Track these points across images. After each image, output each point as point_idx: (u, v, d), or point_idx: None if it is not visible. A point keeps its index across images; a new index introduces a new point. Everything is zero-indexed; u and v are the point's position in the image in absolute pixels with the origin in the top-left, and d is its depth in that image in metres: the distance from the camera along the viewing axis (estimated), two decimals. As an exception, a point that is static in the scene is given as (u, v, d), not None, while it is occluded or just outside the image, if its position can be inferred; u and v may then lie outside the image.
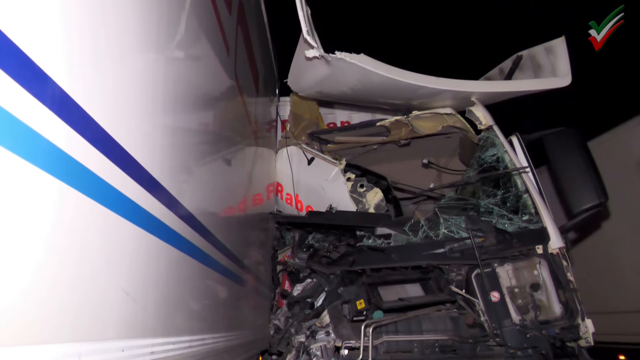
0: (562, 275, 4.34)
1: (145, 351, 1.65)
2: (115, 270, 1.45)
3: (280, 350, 4.81)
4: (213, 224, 2.73)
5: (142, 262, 1.68)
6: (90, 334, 1.27)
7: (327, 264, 4.90)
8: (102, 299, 1.35)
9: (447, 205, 4.95)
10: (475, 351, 4.20)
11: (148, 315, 1.72)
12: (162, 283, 1.87)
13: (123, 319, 1.50)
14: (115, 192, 1.43)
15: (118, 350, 1.43)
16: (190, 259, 2.28)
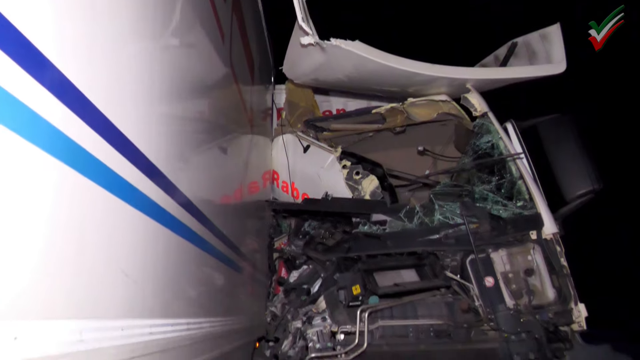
0: (556, 261, 4.38)
1: (144, 331, 1.67)
2: (115, 252, 1.48)
3: (277, 336, 4.86)
4: (210, 210, 2.76)
5: (141, 245, 1.71)
6: (91, 312, 1.29)
7: (323, 250, 4.94)
8: (102, 279, 1.38)
9: (442, 191, 4.98)
10: (469, 336, 4.25)
11: (147, 297, 1.74)
12: (160, 266, 1.90)
13: (122, 300, 1.52)
14: (115, 175, 1.46)
15: (117, 329, 1.45)
16: (188, 244, 2.31)
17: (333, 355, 3.99)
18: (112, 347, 1.42)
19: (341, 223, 5.23)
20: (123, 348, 1.50)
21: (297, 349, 4.38)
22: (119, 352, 1.47)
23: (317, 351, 4.04)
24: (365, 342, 3.99)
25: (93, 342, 1.29)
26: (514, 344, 4.10)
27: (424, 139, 5.80)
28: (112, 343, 1.42)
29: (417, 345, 4.19)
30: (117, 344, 1.45)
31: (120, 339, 1.47)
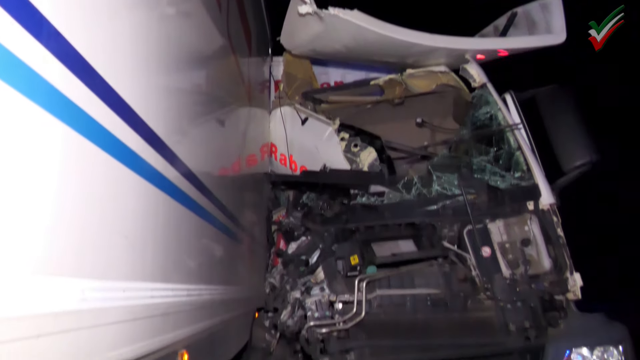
0: (552, 231, 4.43)
1: (145, 294, 1.70)
2: (115, 214, 1.49)
3: (275, 306, 4.90)
4: (209, 180, 2.77)
5: (141, 210, 1.72)
6: (93, 272, 1.31)
7: (321, 222, 4.96)
8: (103, 241, 1.39)
9: (440, 163, 4.99)
10: (466, 305, 4.30)
11: (147, 261, 1.76)
12: (160, 231, 1.91)
13: (123, 262, 1.54)
14: (117, 141, 1.48)
15: (119, 290, 1.47)
16: (187, 212, 2.32)
17: (331, 324, 4.03)
18: (113, 308, 1.44)
19: (339, 195, 5.24)
20: (124, 309, 1.52)
21: (296, 319, 4.43)
22: (121, 313, 1.49)
23: (316, 320, 4.09)
24: (363, 311, 4.03)
25: (95, 302, 1.31)
26: (509, 313, 4.15)
27: (423, 110, 5.79)
28: (113, 304, 1.44)
29: (414, 314, 4.24)
30: (118, 305, 1.47)
31: (121, 300, 1.49)
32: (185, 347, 2.16)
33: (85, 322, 1.25)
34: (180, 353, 2.08)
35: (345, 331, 4.04)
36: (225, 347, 3.24)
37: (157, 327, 1.85)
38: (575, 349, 4.06)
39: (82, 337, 1.25)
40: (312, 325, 4.06)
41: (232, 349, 3.49)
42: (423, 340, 4.09)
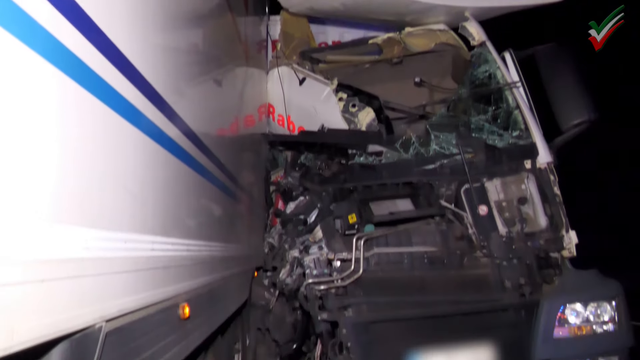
0: (549, 189, 4.46)
1: (145, 246, 1.72)
2: (115, 166, 1.50)
3: (274, 265, 4.96)
4: (208, 138, 2.78)
5: (140, 163, 1.73)
6: (94, 222, 1.32)
7: (319, 181, 4.98)
8: (103, 191, 1.40)
9: (439, 122, 4.99)
10: (462, 262, 4.36)
11: (147, 214, 1.78)
12: (160, 185, 1.92)
13: (123, 213, 1.55)
14: (117, 94, 1.49)
15: (120, 241, 1.49)
16: (186, 168, 2.34)
17: (330, 281, 4.09)
18: (115, 258, 1.46)
19: (337, 155, 5.25)
20: (126, 260, 1.54)
21: (295, 277, 4.48)
22: (122, 264, 1.51)
23: (314, 277, 4.14)
24: (361, 269, 4.09)
25: (97, 251, 1.33)
26: (505, 270, 4.21)
27: (421, 70, 5.73)
28: (115, 254, 1.46)
29: (412, 271, 4.30)
30: (120, 255, 1.49)
31: (123, 251, 1.52)
32: (187, 300, 2.20)
33: (88, 270, 1.27)
34: (181, 305, 2.12)
35: (344, 288, 4.09)
36: (225, 303, 3.30)
37: (159, 279, 1.88)
38: (569, 304, 4.13)
39: (86, 284, 1.27)
40: (310, 283, 4.12)
41: (232, 305, 3.56)
42: (420, 296, 4.16)
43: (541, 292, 4.21)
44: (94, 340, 1.32)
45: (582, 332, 4.09)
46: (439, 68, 5.94)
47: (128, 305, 1.56)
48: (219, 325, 3.08)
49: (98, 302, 1.35)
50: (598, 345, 4.12)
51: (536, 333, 4.05)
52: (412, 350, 4.01)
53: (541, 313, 4.07)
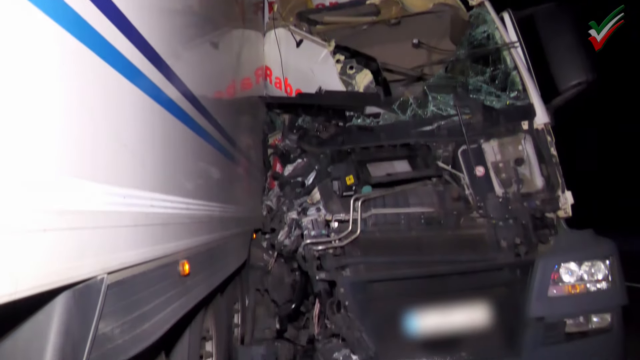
0: (546, 150, 4.48)
1: (145, 203, 1.74)
2: (114, 121, 1.51)
3: (273, 227, 5.00)
4: (206, 99, 2.79)
5: (139, 120, 1.74)
6: (94, 175, 1.34)
7: (317, 144, 4.98)
8: (102, 145, 1.41)
9: (436, 83, 4.97)
10: (459, 222, 4.40)
11: (146, 170, 1.79)
12: (158, 144, 1.94)
13: (123, 169, 1.57)
14: (117, 52, 1.51)
15: (120, 196, 1.51)
16: (184, 127, 2.35)
17: (327, 242, 4.13)
18: (115, 212, 1.48)
19: (335, 117, 5.24)
20: (125, 215, 1.56)
21: (293, 238, 4.52)
22: (122, 218, 1.53)
23: (312, 238, 4.18)
24: (359, 229, 4.13)
25: (96, 204, 1.35)
26: (501, 230, 4.26)
27: (419, 31, 5.68)
28: (114, 208, 1.48)
29: (409, 231, 4.34)
30: (119, 210, 1.51)
31: (122, 206, 1.54)
32: (186, 257, 2.23)
33: (88, 223, 1.29)
34: (181, 262, 2.15)
35: (341, 249, 4.14)
36: (225, 263, 3.34)
37: (158, 235, 1.91)
38: (563, 263, 4.18)
39: (86, 236, 1.29)
40: (308, 243, 4.16)
41: (231, 265, 3.61)
42: (416, 256, 4.20)
43: (536, 251, 4.26)
44: (96, 291, 1.35)
45: (576, 290, 4.15)
46: (437, 29, 5.88)
47: (129, 259, 1.59)
48: (218, 284, 3.13)
49: (99, 254, 1.37)
50: (591, 303, 4.18)
51: (530, 292, 4.10)
52: (408, 308, 4.08)
53: (536, 272, 4.12)
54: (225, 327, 4.05)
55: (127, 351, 1.54)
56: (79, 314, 1.29)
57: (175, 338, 2.81)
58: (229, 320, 4.31)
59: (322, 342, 3.96)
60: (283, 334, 4.72)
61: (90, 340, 1.32)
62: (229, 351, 4.26)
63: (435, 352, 4.07)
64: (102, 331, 1.41)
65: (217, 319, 3.65)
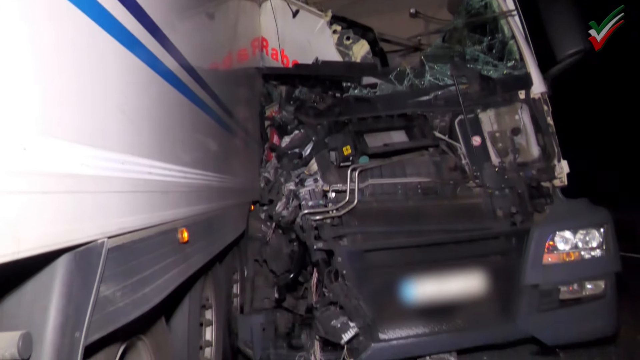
0: (542, 119, 4.49)
1: (143, 169, 1.76)
2: (111, 88, 1.52)
3: (271, 198, 5.03)
4: (203, 69, 2.80)
5: (136, 87, 1.75)
6: (92, 140, 1.35)
7: (314, 115, 4.98)
8: (100, 112, 1.43)
9: (434, 53, 4.95)
10: (455, 192, 4.43)
11: (143, 137, 1.81)
12: (155, 112, 1.95)
13: (120, 135, 1.59)
14: (115, 21, 1.52)
15: (118, 162, 1.53)
16: (181, 97, 2.36)
17: (325, 212, 4.16)
18: (113, 178, 1.50)
19: (332, 88, 5.23)
20: (124, 181, 1.58)
21: (291, 209, 4.55)
22: (121, 184, 1.55)
23: (310, 208, 4.20)
24: (356, 199, 4.15)
25: (95, 169, 1.36)
26: (497, 199, 4.29)
27: (416, 1, 5.65)
28: (113, 174, 1.50)
29: (405, 201, 4.37)
30: (117, 175, 1.53)
31: (121, 172, 1.55)
32: (185, 225, 2.26)
33: (87, 187, 1.31)
34: (180, 230, 2.18)
35: (339, 218, 4.17)
36: (223, 232, 3.38)
37: (157, 202, 1.93)
38: (558, 232, 4.22)
39: (86, 200, 1.31)
40: (306, 214, 4.18)
41: (229, 235, 3.64)
42: (413, 226, 4.24)
43: (532, 220, 4.30)
44: (97, 254, 1.38)
45: (571, 258, 4.20)
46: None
47: (128, 224, 1.61)
48: (217, 253, 3.17)
49: (99, 218, 1.40)
50: (585, 270, 4.23)
51: (526, 259, 4.15)
52: (405, 277, 4.13)
53: (531, 240, 4.16)
54: (225, 296, 4.10)
55: (128, 314, 1.58)
56: (81, 276, 1.32)
57: (175, 305, 2.86)
58: (228, 290, 4.36)
59: (320, 310, 4.00)
60: (282, 304, 4.78)
61: (92, 301, 1.35)
62: (229, 320, 4.33)
63: (432, 320, 4.13)
64: (104, 294, 1.44)
65: (217, 287, 3.70)
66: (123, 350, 1.93)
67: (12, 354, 1.14)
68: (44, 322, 1.23)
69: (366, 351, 3.89)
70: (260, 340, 4.23)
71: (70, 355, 1.29)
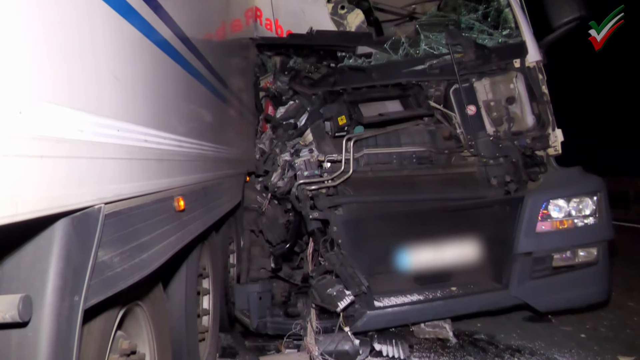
0: (537, 88, 4.49)
1: (138, 137, 1.76)
2: (106, 55, 1.51)
3: (266, 169, 5.04)
4: (197, 39, 2.78)
5: (130, 55, 1.73)
6: (87, 106, 1.35)
7: (309, 85, 4.96)
8: (93, 77, 1.42)
9: (428, 22, 4.92)
10: (450, 161, 4.46)
11: (139, 106, 1.80)
12: (150, 80, 1.94)
13: (116, 102, 1.58)
14: None
15: (113, 129, 1.53)
16: (175, 65, 2.34)
17: (320, 182, 4.18)
18: (109, 144, 1.50)
19: (326, 57, 5.20)
20: (120, 147, 1.58)
21: (286, 180, 4.57)
22: (116, 150, 1.55)
23: (305, 178, 4.23)
24: (351, 169, 4.17)
25: (91, 135, 1.36)
26: (492, 168, 4.32)
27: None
28: (108, 140, 1.50)
29: (400, 170, 4.40)
30: (113, 142, 1.53)
31: (116, 139, 1.55)
32: (181, 194, 2.27)
33: (83, 152, 1.32)
34: (176, 198, 2.19)
35: (334, 188, 4.20)
36: (219, 202, 3.39)
37: (153, 170, 1.94)
38: (552, 200, 4.26)
39: (82, 166, 1.32)
40: (301, 184, 4.21)
41: (225, 205, 3.66)
42: (408, 195, 4.28)
43: (526, 188, 4.34)
44: (94, 219, 1.39)
45: (564, 225, 4.25)
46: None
47: (124, 191, 1.62)
48: (213, 222, 3.19)
49: (95, 184, 1.40)
50: (578, 237, 4.29)
51: (520, 228, 4.20)
52: (400, 245, 4.18)
53: (525, 209, 4.21)
54: (222, 265, 4.14)
55: (126, 279, 1.60)
56: (78, 241, 1.33)
57: (172, 273, 2.89)
58: (224, 259, 4.40)
59: (316, 278, 4.05)
60: (278, 273, 4.83)
61: (90, 266, 1.37)
62: (226, 289, 4.38)
63: (426, 287, 4.19)
64: (102, 259, 1.45)
65: (213, 256, 3.73)
66: (122, 316, 1.96)
67: (12, 316, 1.16)
68: (43, 285, 1.24)
69: (362, 319, 3.96)
70: (256, 308, 4.28)
71: (69, 319, 1.30)
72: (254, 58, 5.83)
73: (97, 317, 1.66)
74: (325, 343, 3.85)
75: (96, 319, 1.65)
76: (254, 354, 4.28)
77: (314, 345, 3.85)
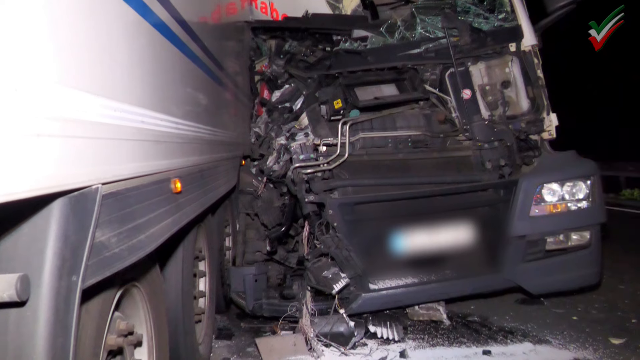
0: (532, 72, 4.50)
1: (136, 118, 1.76)
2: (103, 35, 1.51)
3: (262, 153, 5.04)
4: (193, 22, 2.78)
5: (127, 36, 1.73)
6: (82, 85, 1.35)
7: (304, 68, 4.95)
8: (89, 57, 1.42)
9: (424, 5, 4.90)
10: (445, 145, 4.47)
11: (135, 87, 1.80)
12: (146, 62, 1.94)
13: (113, 82, 1.58)
14: None
15: (110, 109, 1.53)
16: (172, 47, 2.34)
17: (316, 165, 4.19)
18: (106, 124, 1.50)
19: (322, 41, 5.19)
20: (117, 128, 1.59)
21: (282, 163, 4.57)
22: (113, 131, 1.56)
23: (301, 162, 4.23)
24: (347, 153, 4.18)
25: (86, 114, 1.36)
26: (486, 152, 4.34)
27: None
28: (106, 120, 1.50)
29: (396, 154, 4.41)
30: (110, 122, 1.53)
31: (113, 119, 1.55)
32: (178, 176, 2.28)
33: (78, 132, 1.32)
34: (173, 180, 2.20)
35: (329, 172, 4.20)
36: (215, 184, 3.40)
37: (150, 152, 1.94)
38: (546, 184, 4.29)
39: (79, 145, 1.32)
40: (297, 167, 4.21)
41: (221, 188, 3.66)
42: (404, 178, 4.29)
43: (520, 172, 4.36)
44: (91, 199, 1.40)
45: (557, 209, 4.28)
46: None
47: (122, 172, 1.63)
48: (210, 205, 3.20)
49: (92, 164, 1.41)
50: (572, 221, 4.32)
51: (513, 211, 4.23)
52: (395, 228, 4.20)
53: (519, 192, 4.23)
54: (217, 247, 4.16)
55: (124, 259, 1.61)
56: (76, 220, 1.34)
57: (169, 255, 2.90)
58: (220, 242, 4.43)
59: (311, 261, 4.08)
60: (273, 256, 4.85)
61: (88, 246, 1.37)
62: (222, 271, 4.41)
63: (421, 270, 4.22)
64: (100, 239, 1.46)
65: (209, 239, 3.75)
66: (119, 297, 1.98)
67: (10, 295, 1.17)
68: (41, 264, 1.25)
69: (357, 301, 3.99)
70: (252, 290, 4.31)
71: (67, 298, 1.32)
72: (249, 41, 5.80)
73: (95, 298, 1.67)
74: (321, 325, 3.88)
75: (94, 299, 1.66)
76: (250, 336, 4.32)
77: (309, 327, 3.88)
